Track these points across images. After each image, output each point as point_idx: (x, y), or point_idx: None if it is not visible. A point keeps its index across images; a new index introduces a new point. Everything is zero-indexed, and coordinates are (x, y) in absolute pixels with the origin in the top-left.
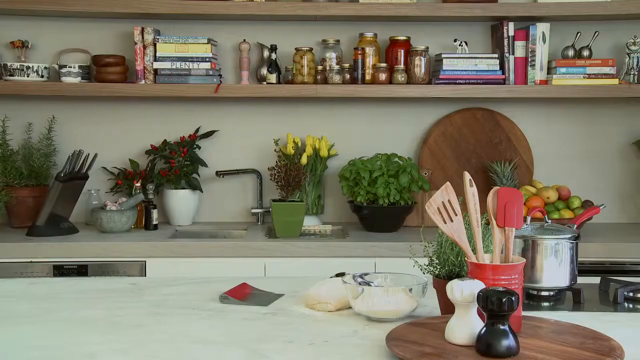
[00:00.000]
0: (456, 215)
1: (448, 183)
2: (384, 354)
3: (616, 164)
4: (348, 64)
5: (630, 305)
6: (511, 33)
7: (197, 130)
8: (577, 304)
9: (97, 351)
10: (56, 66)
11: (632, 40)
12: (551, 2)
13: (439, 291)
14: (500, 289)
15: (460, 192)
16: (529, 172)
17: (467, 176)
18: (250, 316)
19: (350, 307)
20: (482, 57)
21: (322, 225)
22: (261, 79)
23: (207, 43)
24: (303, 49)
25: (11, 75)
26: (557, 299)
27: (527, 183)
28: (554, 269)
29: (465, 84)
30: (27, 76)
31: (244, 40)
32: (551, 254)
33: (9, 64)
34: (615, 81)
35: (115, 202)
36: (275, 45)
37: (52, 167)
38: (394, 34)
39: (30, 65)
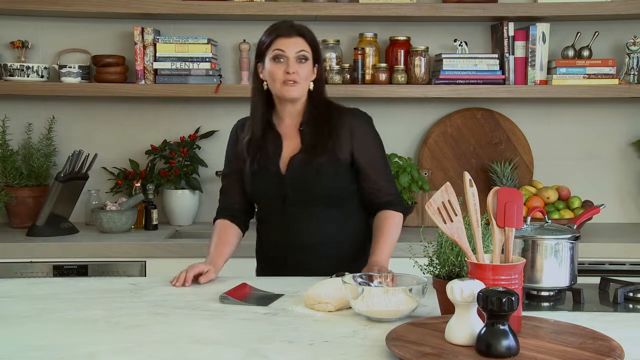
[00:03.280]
0: (456, 215)
1: (448, 183)
2: (384, 354)
3: (616, 164)
4: (348, 64)
5: (630, 305)
6: (511, 33)
7: (197, 130)
8: (577, 304)
9: (97, 351)
10: (56, 66)
11: (632, 40)
12: (551, 2)
13: (439, 291)
14: (500, 289)
15: (460, 192)
16: (529, 172)
17: (467, 176)
18: (250, 316)
19: (350, 307)
20: (482, 57)
21: None
22: None
23: (207, 43)
24: None
25: (11, 75)
26: (557, 299)
27: (527, 183)
28: (554, 269)
29: (465, 84)
30: (27, 76)
31: (244, 40)
32: (551, 254)
33: (9, 64)
34: (615, 81)
35: (115, 202)
36: None
37: (52, 167)
38: (394, 34)
39: (30, 65)
